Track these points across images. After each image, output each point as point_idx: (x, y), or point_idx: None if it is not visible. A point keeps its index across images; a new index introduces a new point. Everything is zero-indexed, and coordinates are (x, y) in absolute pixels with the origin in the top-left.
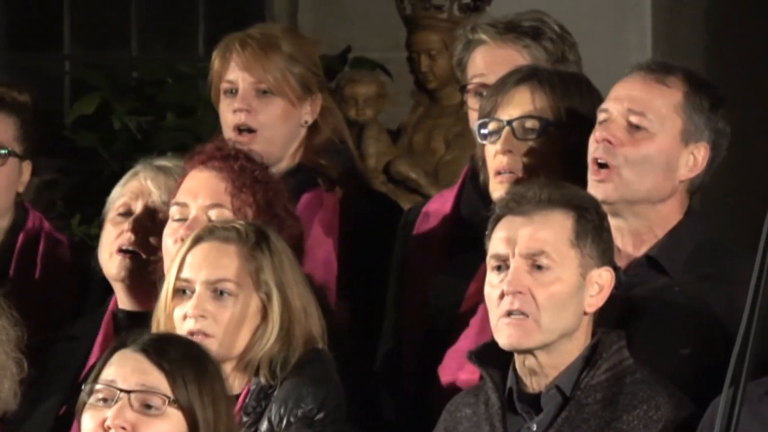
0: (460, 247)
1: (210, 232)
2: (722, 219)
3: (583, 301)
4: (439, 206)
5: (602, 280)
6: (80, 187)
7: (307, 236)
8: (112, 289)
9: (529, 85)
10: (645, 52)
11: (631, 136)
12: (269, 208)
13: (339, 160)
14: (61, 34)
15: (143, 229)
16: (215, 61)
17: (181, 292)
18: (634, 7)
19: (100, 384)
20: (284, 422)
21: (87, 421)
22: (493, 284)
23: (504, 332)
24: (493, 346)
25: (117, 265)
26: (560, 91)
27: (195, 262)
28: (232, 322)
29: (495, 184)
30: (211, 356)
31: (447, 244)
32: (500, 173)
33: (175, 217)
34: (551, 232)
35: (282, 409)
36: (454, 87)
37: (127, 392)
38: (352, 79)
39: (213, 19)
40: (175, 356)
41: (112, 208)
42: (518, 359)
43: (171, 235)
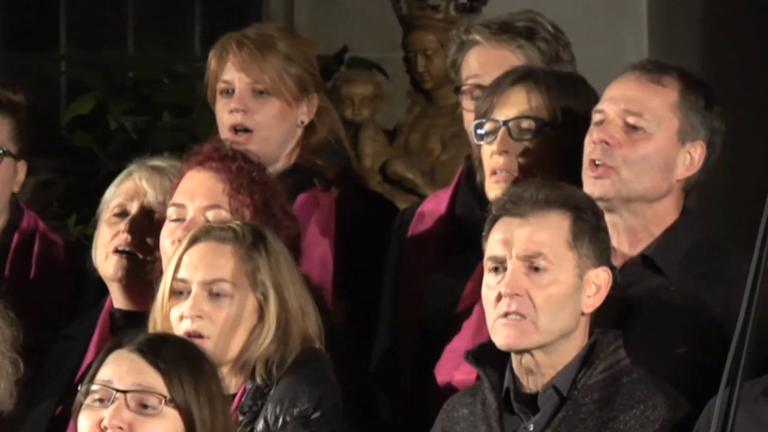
0: (456, 247)
1: (207, 233)
2: (718, 218)
3: (581, 302)
4: (434, 206)
5: (599, 281)
6: (76, 187)
7: (303, 236)
8: (106, 289)
9: (525, 86)
10: (641, 52)
11: (629, 136)
12: (266, 209)
13: (335, 161)
14: (58, 34)
15: (139, 229)
16: (212, 62)
17: (178, 293)
18: (630, 7)
19: (97, 384)
20: (280, 421)
21: (83, 421)
22: (490, 286)
23: (501, 333)
24: (490, 346)
25: (114, 266)
26: (556, 91)
27: (191, 262)
28: (228, 323)
29: (491, 184)
30: (207, 355)
31: (442, 245)
32: (496, 173)
33: (173, 218)
34: (548, 234)
35: (278, 409)
36: (450, 87)
37: (124, 392)
38: (348, 79)
39: (209, 19)
40: (171, 356)
41: (106, 209)
42: (515, 359)
43: (168, 236)
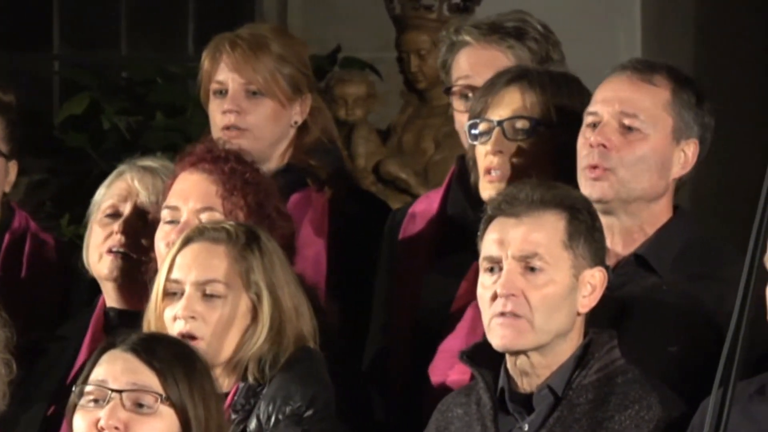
0: (448, 248)
1: (200, 233)
2: (711, 218)
3: (576, 302)
4: (425, 207)
5: (595, 281)
6: (69, 187)
7: (297, 236)
8: (98, 289)
9: (519, 86)
10: (635, 51)
11: (625, 138)
12: (260, 210)
13: (328, 161)
14: (51, 33)
15: (133, 230)
16: (205, 62)
17: (171, 293)
18: (623, 6)
19: (91, 385)
20: (273, 420)
21: (79, 421)
22: (486, 285)
23: (497, 333)
24: (485, 346)
25: (109, 265)
26: (550, 91)
27: (184, 263)
28: (221, 323)
29: (485, 185)
30: (199, 354)
31: (434, 245)
32: (491, 173)
33: (167, 220)
34: (544, 234)
35: (270, 407)
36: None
37: (119, 392)
38: (341, 79)
39: (202, 18)
40: (165, 355)
41: (97, 210)
42: (510, 360)
43: (163, 239)
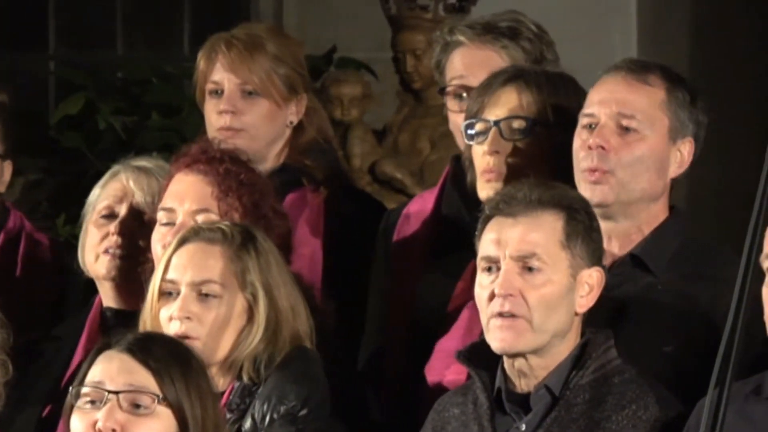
0: (443, 248)
1: (195, 234)
2: (708, 218)
3: (574, 302)
4: (420, 207)
5: (592, 280)
6: (65, 187)
7: (293, 235)
8: (94, 289)
9: (516, 86)
10: (630, 51)
11: (623, 139)
12: (256, 210)
13: (324, 161)
14: (46, 34)
15: (129, 230)
16: (200, 62)
17: (167, 294)
18: (619, 7)
19: (87, 386)
20: (267, 419)
21: (76, 423)
22: (483, 285)
23: (497, 336)
24: (482, 346)
25: (105, 266)
26: (547, 90)
27: (180, 263)
28: (217, 324)
29: (483, 185)
30: (195, 353)
31: (429, 245)
32: (487, 173)
33: (163, 222)
34: (542, 234)
35: (265, 406)
36: None
37: (116, 393)
38: (337, 79)
39: (198, 18)
40: (161, 354)
41: (92, 210)
42: (507, 361)
43: (160, 241)
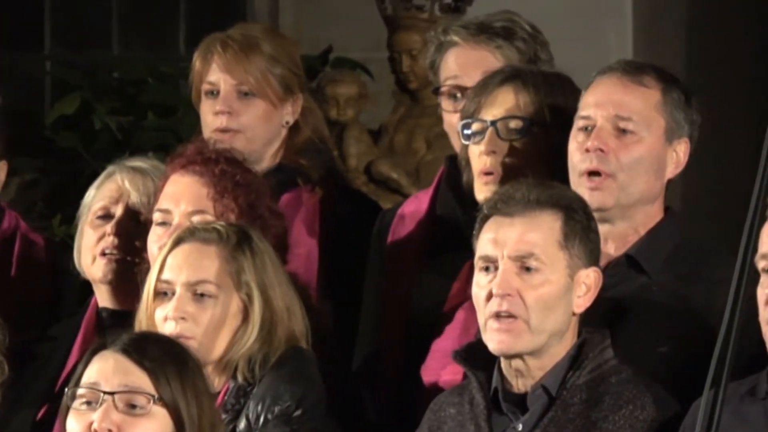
0: (438, 248)
1: (191, 234)
2: (703, 218)
3: (572, 302)
4: (414, 208)
5: (590, 281)
6: (61, 187)
7: (289, 235)
8: (89, 289)
9: (513, 86)
10: (626, 52)
11: (620, 141)
12: (252, 210)
13: (319, 160)
14: (42, 34)
15: (126, 231)
16: (196, 62)
17: (162, 294)
18: (614, 7)
19: (83, 387)
20: (262, 419)
21: (72, 424)
22: (481, 285)
23: (494, 338)
24: (478, 345)
25: (102, 268)
26: (544, 90)
27: (175, 263)
28: (212, 324)
29: (480, 185)
30: (191, 352)
31: (424, 246)
32: (485, 174)
33: (159, 222)
34: (540, 234)
35: (260, 407)
36: None
37: (111, 394)
38: (333, 80)
39: (194, 19)
40: (156, 354)
41: (88, 211)
42: (504, 361)
43: (156, 242)
